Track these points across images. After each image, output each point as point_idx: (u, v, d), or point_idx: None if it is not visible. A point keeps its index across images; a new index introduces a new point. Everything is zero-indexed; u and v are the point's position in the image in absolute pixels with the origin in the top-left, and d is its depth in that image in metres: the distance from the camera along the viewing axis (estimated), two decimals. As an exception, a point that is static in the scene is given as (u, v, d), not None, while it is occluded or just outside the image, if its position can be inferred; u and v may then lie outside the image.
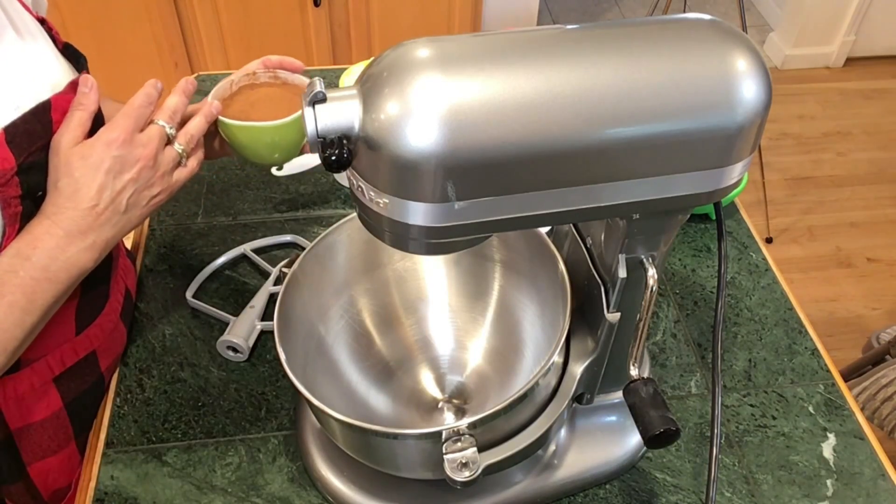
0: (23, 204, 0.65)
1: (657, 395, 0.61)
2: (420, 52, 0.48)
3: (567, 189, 0.51)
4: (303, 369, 0.69)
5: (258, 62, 0.82)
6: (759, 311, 0.93)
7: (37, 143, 0.66)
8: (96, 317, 0.80)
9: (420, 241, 0.54)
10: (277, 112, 0.78)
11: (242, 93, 0.82)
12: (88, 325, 0.79)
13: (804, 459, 0.79)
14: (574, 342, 0.71)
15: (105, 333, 0.81)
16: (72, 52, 0.77)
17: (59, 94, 0.69)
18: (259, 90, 0.83)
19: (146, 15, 2.16)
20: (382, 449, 0.66)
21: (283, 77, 0.83)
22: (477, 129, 0.47)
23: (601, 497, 0.76)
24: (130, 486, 0.75)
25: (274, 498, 0.75)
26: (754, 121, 0.51)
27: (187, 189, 1.06)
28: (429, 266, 0.83)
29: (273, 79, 0.83)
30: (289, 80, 0.83)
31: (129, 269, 0.92)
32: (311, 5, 2.18)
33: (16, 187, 0.64)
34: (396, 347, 0.82)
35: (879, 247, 2.34)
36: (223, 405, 0.82)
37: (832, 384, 0.86)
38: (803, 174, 2.57)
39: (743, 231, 1.03)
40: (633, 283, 0.62)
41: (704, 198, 0.55)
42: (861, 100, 2.88)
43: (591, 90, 0.48)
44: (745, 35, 0.52)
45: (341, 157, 0.48)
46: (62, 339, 0.77)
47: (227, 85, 0.82)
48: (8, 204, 0.64)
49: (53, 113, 0.68)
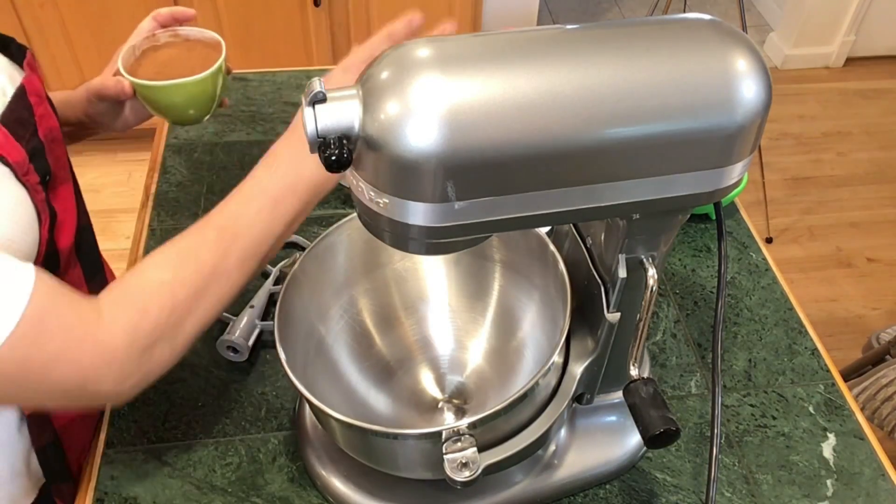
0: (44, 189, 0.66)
1: (657, 395, 0.61)
2: (420, 52, 0.48)
3: (567, 189, 0.51)
4: (303, 369, 0.69)
5: (149, 20, 0.86)
6: (759, 311, 0.93)
7: (28, 128, 0.66)
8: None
9: (420, 241, 0.54)
10: (189, 69, 0.82)
11: (147, 56, 0.86)
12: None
13: (804, 459, 0.79)
14: (574, 342, 0.71)
15: None
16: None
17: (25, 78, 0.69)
18: (163, 51, 0.87)
19: (146, 15, 2.16)
20: (382, 449, 0.66)
21: (183, 34, 0.87)
22: (477, 129, 0.47)
23: (601, 497, 0.76)
24: (130, 486, 0.75)
25: (274, 498, 0.75)
26: (754, 121, 0.51)
27: (187, 189, 1.06)
28: (429, 266, 0.83)
29: (174, 37, 0.87)
30: (190, 35, 0.87)
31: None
32: (311, 5, 2.18)
33: (34, 174, 0.65)
34: (396, 347, 0.82)
35: (879, 247, 2.34)
36: (223, 405, 0.82)
37: (832, 384, 0.86)
38: (803, 174, 2.57)
39: (743, 231, 1.03)
40: (633, 283, 0.62)
41: (704, 198, 0.55)
42: (861, 100, 2.88)
43: (591, 90, 0.48)
44: (745, 35, 0.52)
45: (341, 157, 0.47)
46: None
47: (130, 51, 0.85)
48: (35, 191, 0.65)
49: (30, 96, 0.68)
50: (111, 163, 2.46)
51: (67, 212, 0.73)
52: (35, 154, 0.66)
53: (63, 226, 0.72)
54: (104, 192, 2.38)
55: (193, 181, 1.07)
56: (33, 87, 0.69)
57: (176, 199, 1.04)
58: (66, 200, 0.73)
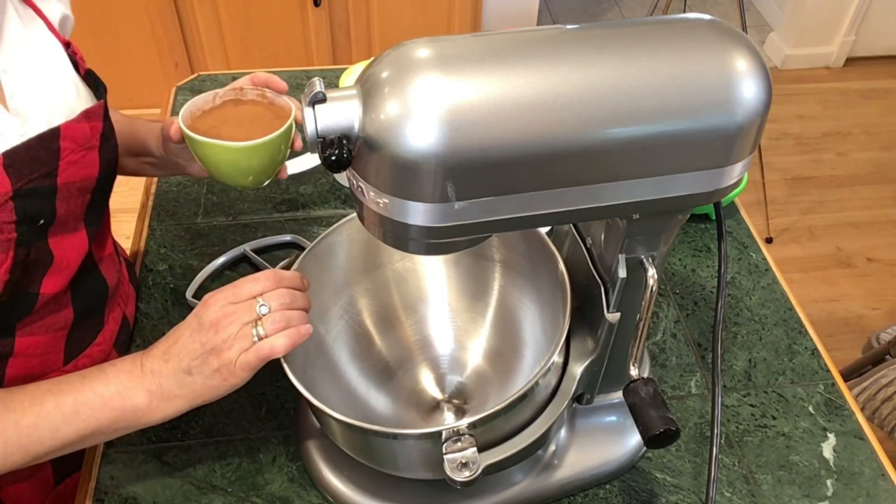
0: (18, 230, 0.64)
1: (657, 395, 0.61)
2: (420, 52, 0.48)
3: (567, 189, 0.51)
4: (303, 369, 0.69)
5: (246, 79, 0.79)
6: (759, 311, 0.93)
7: (40, 169, 0.65)
8: (87, 346, 0.79)
9: (420, 241, 0.54)
10: (254, 132, 0.73)
11: (226, 107, 0.78)
12: (78, 354, 0.78)
13: (804, 459, 0.79)
14: (574, 342, 0.71)
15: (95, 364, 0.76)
16: (92, 78, 0.76)
17: (71, 122, 0.68)
18: (243, 107, 0.79)
19: (146, 15, 2.16)
20: (382, 449, 0.66)
21: (270, 97, 0.78)
22: (477, 130, 0.47)
23: (601, 497, 0.76)
24: (130, 486, 0.75)
25: (274, 498, 0.75)
26: (754, 121, 0.51)
27: (187, 189, 1.06)
28: (429, 266, 0.83)
29: (260, 97, 0.79)
30: (275, 101, 0.78)
31: (131, 295, 0.90)
32: (311, 5, 2.18)
33: (10, 212, 0.63)
34: (396, 347, 0.82)
35: (879, 247, 2.34)
36: (223, 405, 0.82)
37: (832, 384, 0.86)
38: (803, 174, 2.57)
39: (743, 231, 1.03)
40: (633, 283, 0.62)
41: (704, 198, 0.55)
42: (861, 100, 2.88)
43: (591, 90, 0.48)
44: (745, 35, 0.52)
45: (341, 157, 0.47)
46: (49, 369, 0.75)
47: (209, 97, 0.78)
48: (1, 229, 0.62)
49: (62, 140, 0.67)
50: (111, 163, 2.46)
51: (68, 262, 0.71)
52: (31, 193, 0.64)
53: (57, 272, 0.70)
54: (104, 192, 2.38)
55: (193, 181, 1.07)
56: (73, 132, 0.68)
57: (176, 199, 1.05)
58: (70, 249, 0.71)
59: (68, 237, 0.71)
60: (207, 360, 0.63)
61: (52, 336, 0.74)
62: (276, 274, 0.66)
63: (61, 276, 0.71)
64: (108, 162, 0.73)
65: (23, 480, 0.79)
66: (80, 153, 0.69)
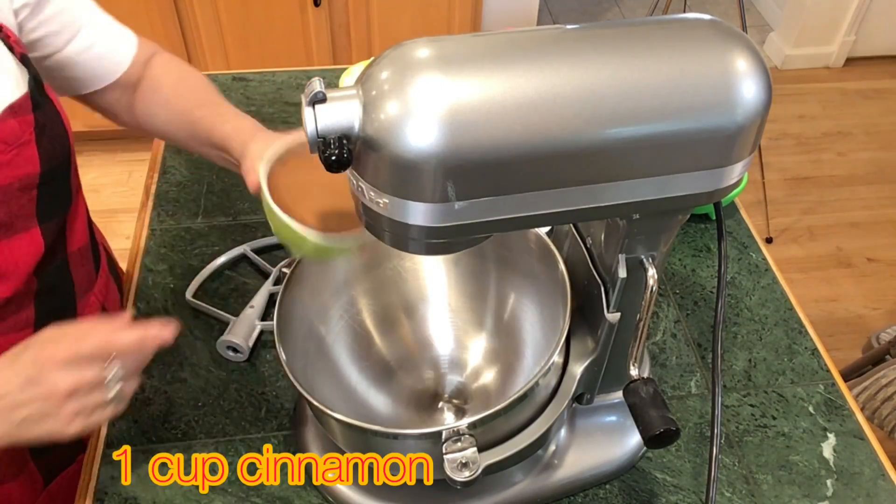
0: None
1: (657, 395, 0.61)
2: (420, 52, 0.48)
3: (567, 189, 0.51)
4: (303, 369, 0.69)
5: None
6: (759, 311, 0.93)
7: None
8: None
9: (420, 241, 0.54)
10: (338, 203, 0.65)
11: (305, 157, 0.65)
12: None
13: (804, 459, 0.79)
14: (574, 342, 0.71)
15: None
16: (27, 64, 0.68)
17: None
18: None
19: (146, 15, 2.15)
20: (382, 449, 0.66)
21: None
22: (477, 129, 0.47)
23: (601, 497, 0.76)
24: (130, 486, 0.75)
25: (274, 498, 0.75)
26: (754, 121, 0.51)
27: (187, 189, 1.06)
28: (429, 266, 0.83)
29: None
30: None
31: (112, 287, 0.87)
32: (311, 5, 2.18)
33: None
34: (396, 347, 0.82)
35: (879, 247, 2.34)
36: (223, 405, 0.82)
37: (832, 384, 0.86)
38: (803, 174, 2.57)
39: (743, 231, 1.03)
40: (633, 283, 0.62)
41: (704, 198, 0.55)
42: (861, 100, 2.88)
43: (592, 90, 0.48)
44: (745, 35, 0.52)
45: (341, 157, 0.47)
46: None
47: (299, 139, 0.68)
48: None
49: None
50: (111, 163, 2.46)
51: (16, 265, 0.67)
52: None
53: (3, 278, 0.66)
54: (104, 191, 2.38)
55: (193, 181, 1.07)
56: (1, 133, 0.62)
57: (176, 199, 1.04)
58: (17, 252, 0.67)
59: (15, 239, 0.66)
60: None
61: (19, 335, 0.70)
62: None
63: (8, 281, 0.67)
64: (52, 153, 0.67)
65: (9, 480, 0.77)
66: (10, 153, 0.63)
